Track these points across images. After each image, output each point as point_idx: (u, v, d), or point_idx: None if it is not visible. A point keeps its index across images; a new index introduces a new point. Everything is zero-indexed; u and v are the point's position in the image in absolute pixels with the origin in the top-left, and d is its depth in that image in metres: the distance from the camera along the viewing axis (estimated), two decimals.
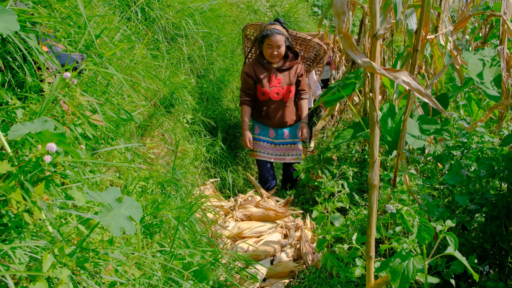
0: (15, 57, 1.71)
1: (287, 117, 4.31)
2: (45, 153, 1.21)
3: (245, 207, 3.64)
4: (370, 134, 1.81)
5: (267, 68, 4.19)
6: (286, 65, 4.21)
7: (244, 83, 4.22)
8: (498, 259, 2.51)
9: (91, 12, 2.87)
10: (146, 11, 4.02)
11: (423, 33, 3.05)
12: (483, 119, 3.33)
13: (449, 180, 2.54)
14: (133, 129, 2.84)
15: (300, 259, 3.05)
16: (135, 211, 1.33)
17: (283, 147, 4.37)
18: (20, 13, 1.71)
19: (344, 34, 1.73)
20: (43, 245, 1.29)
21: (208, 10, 5.14)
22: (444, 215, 2.45)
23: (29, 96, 1.68)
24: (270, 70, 4.20)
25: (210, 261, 2.10)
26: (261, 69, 4.20)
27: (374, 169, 1.80)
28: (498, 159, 2.51)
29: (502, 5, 3.88)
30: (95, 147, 2.00)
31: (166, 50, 4.12)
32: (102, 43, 2.58)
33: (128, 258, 1.67)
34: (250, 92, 4.22)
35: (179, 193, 2.53)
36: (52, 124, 1.29)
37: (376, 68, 1.69)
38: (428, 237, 1.73)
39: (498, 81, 4.01)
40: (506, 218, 2.44)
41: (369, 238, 1.83)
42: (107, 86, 2.40)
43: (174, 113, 3.73)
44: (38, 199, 1.21)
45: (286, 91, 4.23)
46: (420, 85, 1.65)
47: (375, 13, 1.71)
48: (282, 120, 4.30)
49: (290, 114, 4.32)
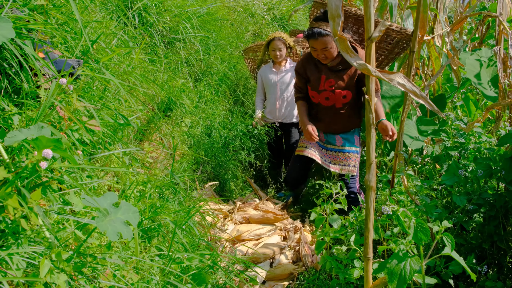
0: (12, 64, 1.72)
1: (340, 123, 3.61)
2: (41, 159, 1.21)
3: (244, 209, 3.64)
4: (366, 136, 1.81)
5: (318, 67, 3.57)
6: (340, 66, 3.49)
7: (297, 81, 3.75)
8: (496, 259, 2.51)
9: (88, 18, 2.88)
10: (143, 15, 4.03)
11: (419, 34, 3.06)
12: (480, 119, 3.34)
13: (447, 180, 2.55)
14: (131, 134, 2.84)
15: (299, 261, 3.05)
16: (132, 216, 1.33)
17: (330, 154, 3.71)
18: (16, 20, 1.72)
19: (339, 36, 1.74)
20: (40, 251, 1.30)
21: (206, 14, 5.15)
22: (442, 215, 2.45)
23: (26, 102, 1.69)
24: (321, 70, 3.55)
25: (208, 265, 2.10)
26: (312, 67, 3.60)
27: (371, 170, 1.81)
28: (495, 159, 2.52)
29: (498, 6, 3.90)
30: (93, 152, 2.00)
31: (164, 54, 4.13)
32: (99, 49, 2.59)
33: (126, 262, 1.67)
34: (303, 90, 3.73)
35: (177, 197, 2.53)
36: (49, 130, 1.30)
37: (371, 70, 1.70)
38: (425, 238, 1.73)
39: (495, 81, 4.02)
40: (504, 218, 2.45)
41: (367, 239, 1.84)
42: (104, 91, 2.41)
43: (172, 117, 3.74)
44: (34, 205, 1.21)
45: (339, 96, 3.49)
46: (416, 86, 1.65)
47: (370, 16, 1.71)
48: (333, 127, 3.64)
49: (344, 121, 3.59)
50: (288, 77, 4.76)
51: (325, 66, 3.48)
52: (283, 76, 4.77)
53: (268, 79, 4.77)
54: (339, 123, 3.58)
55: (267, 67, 4.83)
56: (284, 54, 4.65)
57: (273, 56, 4.67)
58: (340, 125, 3.59)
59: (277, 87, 4.75)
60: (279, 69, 4.77)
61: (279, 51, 4.61)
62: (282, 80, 4.75)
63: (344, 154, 3.61)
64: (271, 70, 4.77)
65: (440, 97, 4.11)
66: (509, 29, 3.85)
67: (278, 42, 4.59)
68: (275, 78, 4.75)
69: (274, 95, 4.76)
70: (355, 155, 3.56)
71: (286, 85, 4.77)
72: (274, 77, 4.75)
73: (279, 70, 4.76)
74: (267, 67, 4.84)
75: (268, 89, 4.81)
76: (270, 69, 4.79)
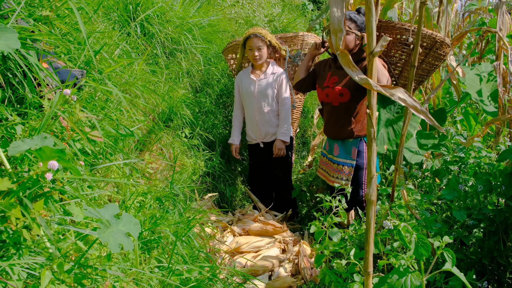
0: (15, 74, 1.72)
1: (337, 125, 3.50)
2: (47, 170, 1.21)
3: (243, 221, 3.64)
4: (367, 150, 1.82)
5: (330, 65, 3.55)
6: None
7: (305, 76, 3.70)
8: (496, 274, 2.51)
9: (91, 28, 2.90)
10: (145, 26, 4.05)
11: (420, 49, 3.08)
12: (479, 134, 3.35)
13: (447, 195, 2.55)
14: (132, 144, 2.85)
15: (298, 274, 3.04)
16: (133, 228, 1.33)
17: (329, 165, 3.66)
18: (21, 30, 1.73)
19: (341, 51, 1.75)
20: (41, 261, 1.29)
21: (207, 25, 5.18)
22: (442, 230, 2.45)
23: (29, 112, 1.69)
24: (330, 67, 3.53)
25: (208, 277, 2.10)
26: (327, 65, 3.59)
27: (371, 184, 1.81)
28: (495, 174, 2.52)
29: (498, 22, 3.93)
30: (94, 162, 2.01)
31: (165, 64, 4.15)
32: (102, 59, 2.60)
33: (126, 274, 1.66)
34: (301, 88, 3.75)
35: (177, 208, 2.53)
36: (52, 141, 1.30)
37: (372, 85, 1.71)
38: (426, 253, 1.73)
39: (495, 96, 4.05)
40: (504, 233, 2.45)
41: (367, 254, 1.83)
42: (106, 102, 2.42)
43: (172, 127, 3.75)
44: (37, 216, 1.21)
45: (337, 94, 3.41)
46: (417, 101, 1.66)
47: (372, 31, 1.73)
48: (331, 128, 3.58)
49: (340, 122, 3.48)
50: (268, 86, 4.01)
51: (335, 64, 3.47)
52: (262, 85, 4.02)
53: (244, 89, 4.08)
54: (336, 124, 3.50)
55: (244, 73, 4.15)
56: (264, 55, 3.93)
57: (250, 57, 3.96)
58: (336, 127, 3.50)
59: (255, 99, 4.03)
60: (258, 76, 4.06)
61: (258, 50, 3.89)
62: (260, 90, 4.01)
63: (337, 166, 3.55)
64: (249, 77, 4.08)
65: (440, 111, 4.13)
66: (508, 45, 3.89)
67: (255, 39, 3.87)
68: (252, 88, 4.04)
69: (252, 108, 4.07)
70: (349, 168, 3.46)
71: (265, 96, 4.03)
72: (252, 85, 4.04)
73: (258, 78, 4.05)
74: (245, 72, 4.15)
75: (245, 101, 4.12)
76: (248, 75, 4.09)
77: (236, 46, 4.19)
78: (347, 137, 3.47)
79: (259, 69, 4.06)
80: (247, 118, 4.17)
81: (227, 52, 4.37)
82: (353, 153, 3.47)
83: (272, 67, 4.05)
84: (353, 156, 3.46)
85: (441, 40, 3.19)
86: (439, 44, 3.21)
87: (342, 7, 1.72)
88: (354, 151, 3.46)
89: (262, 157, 4.19)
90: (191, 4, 5.26)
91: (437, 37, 3.18)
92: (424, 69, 3.39)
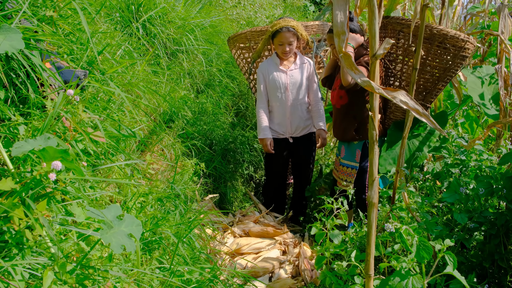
0: (19, 74, 1.73)
1: (341, 127, 3.52)
2: (50, 171, 1.22)
3: (244, 223, 3.64)
4: (369, 153, 1.82)
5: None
6: None
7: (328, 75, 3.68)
8: (497, 278, 2.51)
9: (93, 28, 2.90)
10: (147, 26, 4.06)
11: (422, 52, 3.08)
12: (481, 137, 3.35)
13: (448, 198, 2.55)
14: (133, 145, 2.85)
15: (299, 276, 3.04)
16: (135, 229, 1.33)
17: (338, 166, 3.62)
18: (25, 30, 1.74)
19: (344, 53, 1.75)
20: (43, 262, 1.29)
21: (209, 26, 5.19)
22: (443, 233, 2.45)
23: (32, 112, 1.70)
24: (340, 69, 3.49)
25: (208, 278, 2.10)
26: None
27: (373, 187, 1.81)
28: (496, 177, 2.52)
29: (500, 25, 3.94)
30: (96, 163, 2.01)
31: (167, 65, 4.15)
32: (104, 59, 2.60)
33: (127, 274, 1.67)
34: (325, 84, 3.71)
35: (178, 209, 2.53)
36: (55, 141, 1.30)
37: (374, 87, 1.71)
38: (427, 256, 1.73)
39: (496, 99, 4.05)
40: (505, 236, 2.45)
41: (368, 256, 1.83)
42: (108, 102, 2.42)
43: (174, 128, 3.75)
44: (40, 216, 1.21)
45: (337, 96, 3.46)
46: (418, 104, 1.66)
47: (374, 34, 1.73)
48: (336, 129, 3.62)
49: (343, 125, 3.48)
50: (300, 76, 3.74)
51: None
52: (295, 76, 3.73)
53: (274, 80, 3.71)
54: (341, 127, 3.52)
55: (270, 63, 3.77)
56: (294, 49, 3.67)
57: (280, 51, 3.66)
58: (341, 129, 3.52)
59: (287, 91, 3.71)
60: (288, 67, 3.74)
61: (289, 45, 3.60)
62: (293, 80, 3.72)
63: (343, 168, 3.54)
64: (277, 68, 3.72)
65: (441, 114, 4.12)
66: (510, 48, 3.89)
67: (287, 34, 3.55)
68: (284, 78, 3.71)
69: (283, 101, 3.73)
70: (352, 170, 3.46)
71: (298, 87, 3.75)
72: (283, 76, 3.71)
73: (289, 68, 3.74)
74: (270, 62, 3.78)
75: (273, 94, 3.76)
76: (275, 66, 3.73)
77: (252, 35, 3.87)
78: (351, 139, 3.47)
79: (287, 60, 3.76)
80: (275, 112, 3.81)
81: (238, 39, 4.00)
82: (357, 155, 3.47)
83: (300, 57, 3.81)
84: (357, 158, 3.47)
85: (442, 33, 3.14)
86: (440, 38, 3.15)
87: (345, 10, 1.72)
88: (358, 154, 3.47)
89: (287, 152, 3.91)
90: (193, 5, 5.27)
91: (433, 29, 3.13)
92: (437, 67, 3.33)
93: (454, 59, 3.21)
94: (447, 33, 3.11)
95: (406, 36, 3.23)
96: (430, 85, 3.38)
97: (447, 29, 3.14)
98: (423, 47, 3.16)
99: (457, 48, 3.15)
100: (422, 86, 3.40)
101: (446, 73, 3.32)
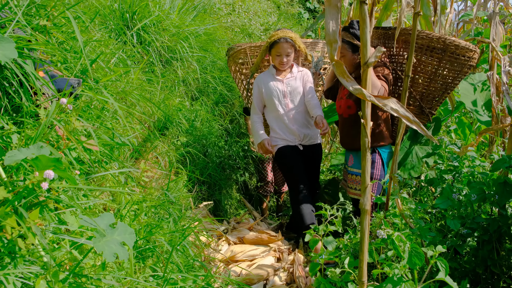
0: (12, 83, 1.73)
1: (350, 136, 3.50)
2: (43, 179, 1.22)
3: (239, 230, 3.64)
4: (361, 160, 1.83)
5: None
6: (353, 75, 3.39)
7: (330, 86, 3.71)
8: (490, 283, 2.52)
9: (87, 36, 2.91)
10: (141, 35, 4.07)
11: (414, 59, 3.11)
12: (473, 144, 3.38)
13: (441, 204, 2.56)
14: (127, 153, 2.85)
15: (293, 283, 3.04)
16: (128, 237, 1.34)
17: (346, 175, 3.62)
18: (18, 40, 1.74)
19: (336, 61, 1.77)
20: (36, 271, 1.29)
21: (203, 34, 5.21)
22: (436, 239, 2.46)
23: (25, 121, 1.70)
24: None
25: (202, 286, 2.10)
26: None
27: (366, 194, 1.82)
28: (488, 183, 2.54)
29: (491, 32, 3.97)
30: (89, 171, 2.01)
31: (161, 73, 4.16)
32: (98, 67, 2.61)
33: (120, 283, 1.66)
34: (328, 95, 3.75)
35: (172, 216, 2.53)
36: (48, 150, 1.31)
37: (366, 95, 1.72)
38: (419, 262, 1.74)
39: (489, 105, 4.07)
40: (497, 242, 2.46)
41: (361, 263, 1.84)
42: (102, 110, 2.42)
43: (168, 135, 3.76)
44: (32, 225, 1.21)
45: (345, 106, 3.46)
46: (409, 112, 1.68)
47: (366, 42, 1.75)
48: (345, 140, 3.59)
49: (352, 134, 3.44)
50: (298, 84, 3.68)
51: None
52: (292, 84, 3.66)
53: (271, 89, 3.64)
54: (349, 136, 3.50)
55: (266, 75, 3.72)
56: (291, 60, 3.62)
57: (278, 62, 3.59)
58: (349, 138, 3.49)
59: (286, 99, 3.64)
60: (285, 76, 3.69)
61: (286, 56, 3.55)
62: (290, 88, 3.65)
63: (351, 176, 3.52)
64: (273, 77, 3.67)
65: (434, 120, 4.15)
66: (501, 55, 3.92)
67: (285, 45, 3.51)
68: (281, 87, 3.64)
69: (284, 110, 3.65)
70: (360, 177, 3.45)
71: (297, 95, 3.66)
72: (280, 85, 3.65)
73: (285, 77, 3.68)
74: (266, 74, 3.73)
75: (271, 103, 3.66)
76: (272, 76, 3.68)
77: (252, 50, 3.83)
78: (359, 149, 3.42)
79: (284, 70, 3.70)
80: (277, 121, 3.69)
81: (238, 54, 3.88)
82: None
83: (296, 67, 3.75)
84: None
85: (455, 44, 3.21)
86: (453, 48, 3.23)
87: (337, 19, 1.74)
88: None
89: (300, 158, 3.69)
90: (187, 13, 5.29)
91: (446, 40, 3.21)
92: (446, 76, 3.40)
93: (463, 68, 3.32)
94: (459, 44, 3.21)
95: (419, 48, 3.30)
96: (439, 93, 3.48)
97: (458, 40, 3.23)
98: (435, 57, 3.28)
99: (467, 57, 3.26)
100: (431, 94, 3.49)
101: (454, 81, 3.42)
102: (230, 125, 4.93)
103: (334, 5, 1.75)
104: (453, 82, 3.42)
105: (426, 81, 3.41)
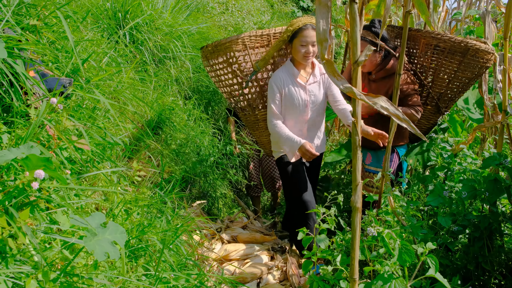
0: (2, 83, 1.73)
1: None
2: (33, 179, 1.22)
3: (232, 228, 3.64)
4: (352, 158, 1.84)
5: (366, 76, 3.45)
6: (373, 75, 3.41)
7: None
8: (481, 280, 2.54)
9: (79, 36, 2.90)
10: (134, 34, 4.06)
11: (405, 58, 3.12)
12: (465, 142, 3.40)
13: (432, 201, 2.58)
14: (120, 152, 2.85)
15: (287, 281, 3.05)
16: (119, 236, 1.34)
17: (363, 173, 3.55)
18: (8, 39, 1.74)
19: (327, 60, 1.78)
20: (27, 270, 1.29)
21: (196, 33, 5.20)
22: (428, 236, 2.48)
23: (16, 121, 1.70)
24: (365, 77, 3.44)
25: (195, 284, 2.10)
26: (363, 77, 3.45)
27: (356, 192, 1.83)
28: (479, 181, 2.56)
29: (485, 31, 3.99)
30: (81, 170, 2.01)
31: (154, 72, 4.16)
32: (90, 67, 2.60)
33: (112, 282, 1.67)
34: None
35: (165, 215, 2.53)
36: (38, 150, 1.31)
37: (356, 93, 1.73)
38: (409, 259, 1.75)
39: (481, 103, 4.10)
40: (488, 239, 2.48)
41: (353, 260, 1.85)
42: (94, 110, 2.42)
43: (161, 135, 3.75)
44: (23, 225, 1.21)
45: (365, 106, 3.29)
46: (398, 110, 1.69)
47: (356, 41, 1.76)
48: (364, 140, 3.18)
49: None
50: (321, 91, 3.22)
51: (368, 77, 3.48)
52: (315, 91, 3.19)
53: (292, 97, 3.12)
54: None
55: (286, 75, 3.13)
56: (316, 53, 3.03)
57: (302, 55, 3.02)
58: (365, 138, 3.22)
59: (306, 108, 3.18)
60: (306, 80, 3.16)
61: (313, 46, 2.98)
62: (313, 98, 3.19)
63: (368, 174, 3.49)
64: (294, 81, 3.12)
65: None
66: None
67: (312, 32, 2.96)
68: (304, 96, 3.14)
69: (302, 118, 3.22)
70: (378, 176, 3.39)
71: (318, 104, 3.22)
72: (302, 93, 3.14)
73: (307, 82, 3.16)
74: (286, 73, 3.14)
75: (289, 111, 3.18)
76: (292, 78, 3.13)
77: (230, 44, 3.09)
78: (378, 147, 3.43)
79: (303, 68, 3.16)
80: (290, 129, 3.18)
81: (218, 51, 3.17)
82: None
83: (319, 67, 3.22)
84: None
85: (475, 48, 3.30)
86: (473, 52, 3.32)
87: (327, 18, 1.75)
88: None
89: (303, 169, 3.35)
90: (180, 12, 5.29)
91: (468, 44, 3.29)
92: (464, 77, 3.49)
93: (480, 70, 3.45)
94: (480, 47, 3.31)
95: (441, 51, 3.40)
96: (455, 93, 3.61)
97: (479, 43, 3.33)
98: (455, 60, 3.39)
99: (485, 60, 3.39)
100: (448, 94, 3.59)
101: (470, 82, 3.54)
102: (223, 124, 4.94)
103: (324, 4, 1.75)
104: (469, 82, 3.55)
105: (445, 82, 3.52)
